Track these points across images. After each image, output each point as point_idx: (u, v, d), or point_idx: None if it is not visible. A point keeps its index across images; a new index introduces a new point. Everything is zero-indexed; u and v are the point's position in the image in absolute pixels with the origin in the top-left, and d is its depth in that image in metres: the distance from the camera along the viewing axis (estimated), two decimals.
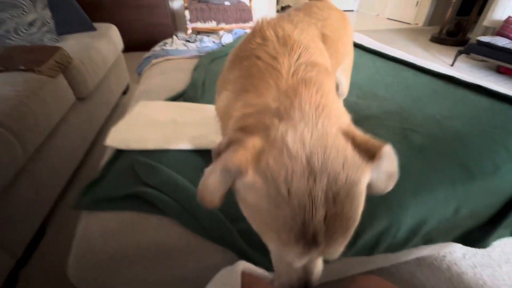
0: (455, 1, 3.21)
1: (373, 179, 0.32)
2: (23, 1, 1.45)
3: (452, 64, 2.63)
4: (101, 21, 1.95)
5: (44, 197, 1.23)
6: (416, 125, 0.76)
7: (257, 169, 0.29)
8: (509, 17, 2.49)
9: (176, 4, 3.06)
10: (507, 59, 2.21)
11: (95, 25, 1.84)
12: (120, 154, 0.68)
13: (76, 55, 1.44)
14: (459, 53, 2.53)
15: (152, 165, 0.62)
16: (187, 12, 2.64)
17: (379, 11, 4.86)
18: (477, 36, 2.60)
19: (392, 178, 0.33)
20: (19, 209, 1.11)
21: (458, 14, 3.46)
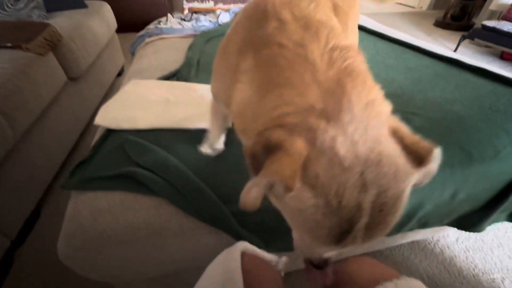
0: None
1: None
2: None
3: (455, 49, 2.57)
4: None
5: (37, 179, 1.22)
6: (416, 108, 0.74)
7: (305, 180, 0.27)
8: None
9: None
10: None
11: (87, 2, 1.76)
12: (110, 133, 0.66)
13: (66, 33, 1.38)
14: (463, 38, 2.46)
15: (143, 144, 0.60)
16: None
17: None
18: (483, 20, 2.52)
19: (429, 176, 0.32)
20: (13, 190, 1.10)
21: None
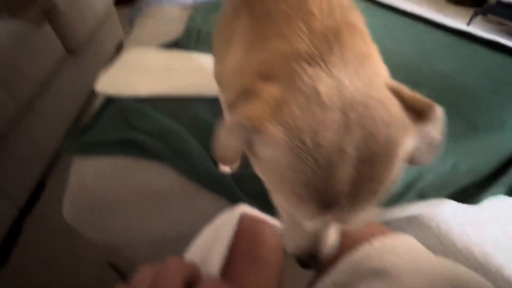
0: None
1: (414, 147, 0.28)
2: None
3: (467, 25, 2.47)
4: None
5: (42, 150, 1.24)
6: (423, 80, 0.72)
7: (278, 120, 0.24)
8: None
9: None
10: None
11: None
12: (111, 100, 0.65)
13: (61, 3, 1.33)
14: (475, 14, 2.35)
15: (144, 111, 0.60)
16: None
17: None
18: None
19: (434, 148, 0.29)
20: (19, 161, 1.12)
21: None
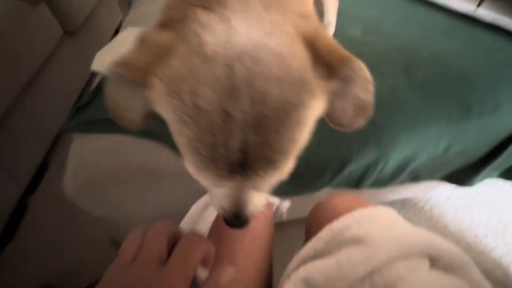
0: None
1: (338, 108, 0.25)
2: None
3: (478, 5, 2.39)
4: None
5: (44, 131, 1.26)
6: (421, 62, 0.72)
7: (161, 73, 0.22)
8: None
9: None
10: None
11: None
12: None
13: None
14: None
15: None
16: None
17: None
18: None
19: (362, 111, 0.25)
20: (22, 142, 1.15)
21: None
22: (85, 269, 0.99)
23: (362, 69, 0.23)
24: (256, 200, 0.28)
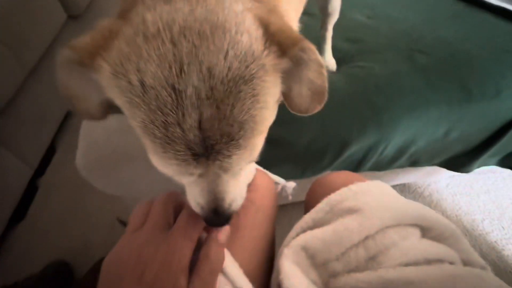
0: None
1: (295, 92, 0.26)
2: None
3: None
4: None
5: (50, 116, 1.29)
6: (424, 46, 0.72)
7: (105, 55, 0.21)
8: None
9: None
10: None
11: None
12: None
13: None
14: None
15: None
16: None
17: None
18: None
19: (318, 96, 0.25)
20: (29, 125, 1.18)
21: None
22: (94, 247, 1.04)
23: (312, 51, 0.23)
24: (233, 190, 0.26)
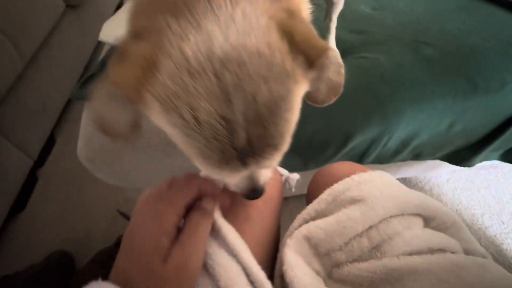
0: None
1: (313, 88, 0.27)
2: None
3: None
4: None
5: (50, 106, 1.28)
6: (430, 39, 0.71)
7: (153, 92, 0.22)
8: None
9: None
10: None
11: None
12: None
13: None
14: None
15: None
16: None
17: None
18: None
19: (335, 90, 0.27)
20: (28, 116, 1.17)
21: None
22: (95, 237, 1.04)
23: (335, 57, 0.25)
24: (265, 174, 0.32)
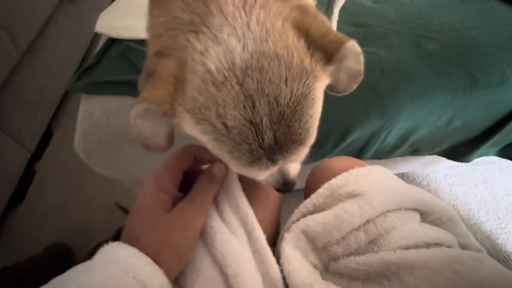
0: None
1: (333, 78, 0.28)
2: None
3: None
4: None
5: (46, 99, 1.27)
6: (431, 32, 0.70)
7: (184, 105, 0.24)
8: None
9: None
10: None
11: None
12: (114, 41, 0.65)
13: None
14: None
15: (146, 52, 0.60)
16: None
17: None
18: None
19: (355, 78, 0.28)
20: (25, 108, 1.16)
21: None
22: (94, 230, 1.04)
23: (354, 46, 0.25)
24: (294, 167, 0.33)
